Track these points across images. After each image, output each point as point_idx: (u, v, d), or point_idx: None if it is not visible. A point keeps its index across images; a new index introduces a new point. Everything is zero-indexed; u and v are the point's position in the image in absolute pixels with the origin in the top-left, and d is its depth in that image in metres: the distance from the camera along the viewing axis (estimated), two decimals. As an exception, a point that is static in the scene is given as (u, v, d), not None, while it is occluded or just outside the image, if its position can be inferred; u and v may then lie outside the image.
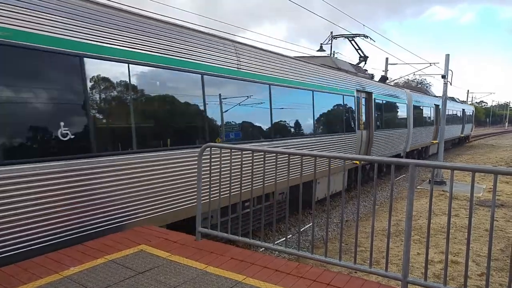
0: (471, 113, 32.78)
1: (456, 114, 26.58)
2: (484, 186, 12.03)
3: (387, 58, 26.64)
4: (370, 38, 15.03)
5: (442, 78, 14.74)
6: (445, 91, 14.67)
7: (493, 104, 66.94)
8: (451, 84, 16.48)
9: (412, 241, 6.94)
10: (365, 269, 3.37)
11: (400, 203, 10.49)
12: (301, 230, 8.12)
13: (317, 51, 21.37)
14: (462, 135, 29.26)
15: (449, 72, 14.80)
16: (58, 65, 3.78)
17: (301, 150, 7.04)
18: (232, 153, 4.03)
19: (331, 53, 22.71)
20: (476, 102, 50.90)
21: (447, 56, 14.43)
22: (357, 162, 3.66)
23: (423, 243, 6.65)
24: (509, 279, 2.84)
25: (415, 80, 54.77)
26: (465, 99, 46.65)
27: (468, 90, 57.69)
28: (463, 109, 29.04)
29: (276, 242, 6.06)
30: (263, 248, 6.01)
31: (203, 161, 4.10)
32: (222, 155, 4.14)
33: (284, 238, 4.27)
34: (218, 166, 4.11)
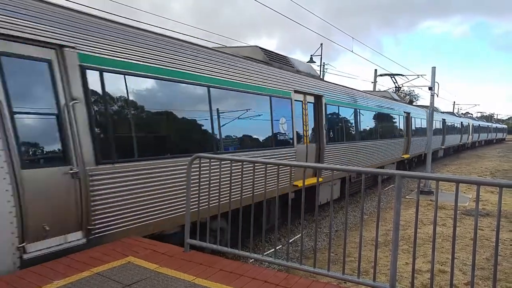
0: (504, 128, 74.81)
1: (501, 129, 66.89)
2: (470, 196, 12.21)
3: (375, 70, 27.13)
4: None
5: (429, 90, 15.06)
6: (431, 102, 14.99)
7: (478, 116, 68.58)
8: (437, 95, 16.82)
9: (401, 251, 6.99)
10: (353, 279, 3.39)
11: (389, 212, 10.57)
12: (291, 240, 8.10)
13: (308, 62, 21.62)
14: (501, 138, 68.15)
15: (436, 84, 15.14)
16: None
17: (290, 161, 7.04)
18: (222, 164, 4.04)
19: (321, 64, 23.02)
20: (462, 114, 51.96)
21: (433, 68, 14.78)
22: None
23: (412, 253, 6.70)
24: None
25: (403, 92, 55.71)
26: (450, 110, 47.63)
27: (454, 102, 58.83)
28: (503, 128, 71.71)
29: (266, 253, 6.04)
30: (252, 259, 5.98)
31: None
32: (212, 165, 4.14)
33: (274, 249, 4.27)
34: (207, 177, 4.10)
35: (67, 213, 3.87)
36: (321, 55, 22.36)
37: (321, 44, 22.17)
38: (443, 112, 31.03)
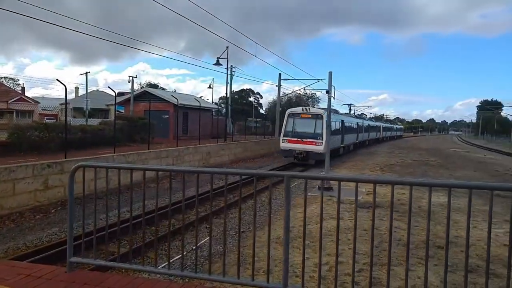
0: (402, 128, 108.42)
1: (399, 128, 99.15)
2: (364, 190, 13.53)
3: (280, 74, 28.56)
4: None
5: (326, 93, 16.37)
6: (329, 104, 16.28)
7: (371, 116, 78.08)
8: (334, 98, 18.43)
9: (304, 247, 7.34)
10: (248, 282, 3.40)
11: (296, 208, 11.11)
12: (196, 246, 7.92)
13: (214, 64, 21.70)
14: (399, 135, 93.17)
15: (332, 87, 16.54)
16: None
17: (182, 167, 7.35)
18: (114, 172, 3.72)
19: (227, 67, 23.28)
20: (357, 114, 57.98)
21: (330, 73, 16.10)
22: None
23: (312, 248, 7.06)
24: (369, 274, 3.16)
25: (306, 95, 60.18)
26: (347, 111, 53.24)
27: (350, 104, 65.41)
28: (401, 128, 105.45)
29: (162, 266, 5.76)
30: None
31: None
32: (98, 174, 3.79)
33: (176, 258, 4.07)
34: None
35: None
36: (227, 58, 22.62)
37: (227, 47, 22.49)
38: (367, 119, 55.57)
